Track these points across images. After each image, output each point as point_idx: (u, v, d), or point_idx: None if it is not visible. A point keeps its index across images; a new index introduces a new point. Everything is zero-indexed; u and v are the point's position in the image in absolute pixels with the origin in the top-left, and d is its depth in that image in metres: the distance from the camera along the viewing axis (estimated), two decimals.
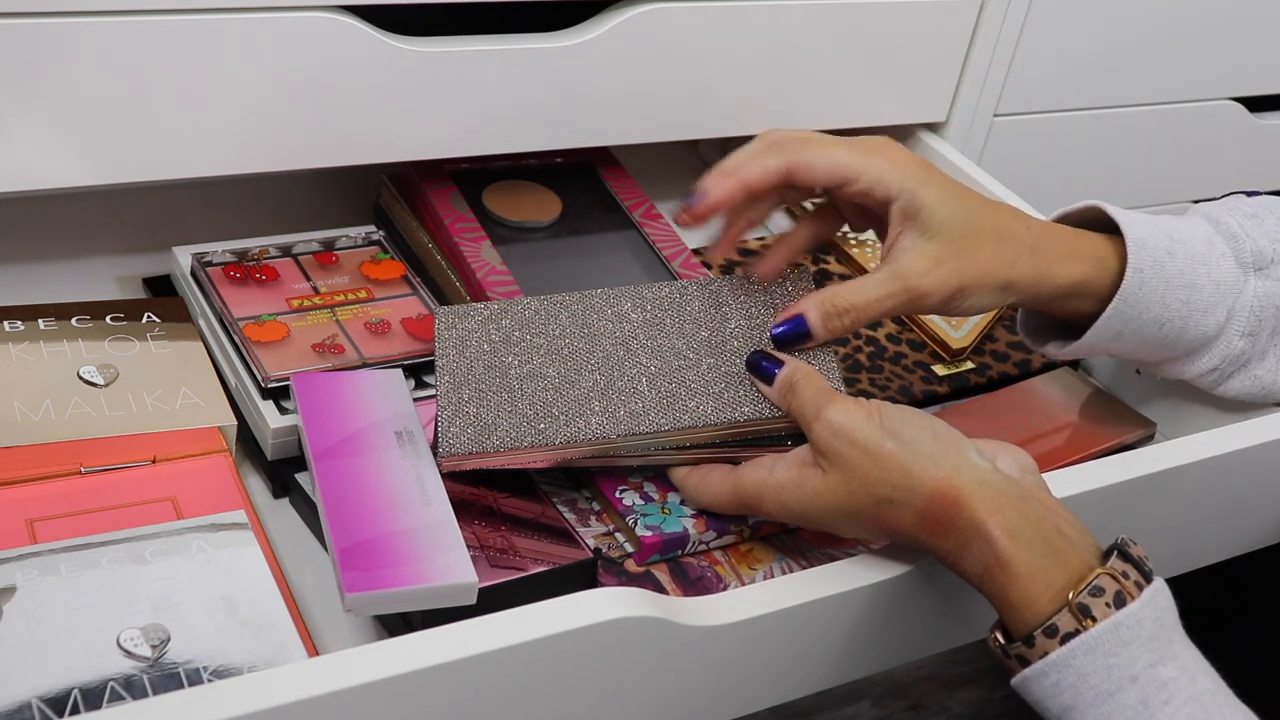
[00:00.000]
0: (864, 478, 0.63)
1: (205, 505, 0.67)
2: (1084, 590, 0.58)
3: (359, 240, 0.85)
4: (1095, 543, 0.61)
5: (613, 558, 0.70)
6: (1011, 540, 0.60)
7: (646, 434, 0.68)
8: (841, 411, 0.64)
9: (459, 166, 0.89)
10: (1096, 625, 0.58)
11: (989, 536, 0.60)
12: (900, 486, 0.62)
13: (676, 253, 0.87)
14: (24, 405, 0.70)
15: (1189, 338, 0.76)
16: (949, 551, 0.62)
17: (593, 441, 0.68)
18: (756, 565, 0.71)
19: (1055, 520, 0.61)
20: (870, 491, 0.63)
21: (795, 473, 0.65)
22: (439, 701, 0.54)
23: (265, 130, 0.78)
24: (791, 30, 0.92)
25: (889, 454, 0.62)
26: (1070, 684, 0.58)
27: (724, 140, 1.08)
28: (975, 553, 0.60)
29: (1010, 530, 0.60)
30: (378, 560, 0.61)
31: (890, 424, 0.63)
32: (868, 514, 0.63)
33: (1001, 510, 0.60)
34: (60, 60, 0.71)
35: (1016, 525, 0.60)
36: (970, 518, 0.60)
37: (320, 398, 0.70)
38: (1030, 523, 0.60)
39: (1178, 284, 0.74)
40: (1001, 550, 0.60)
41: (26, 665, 0.56)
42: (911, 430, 0.63)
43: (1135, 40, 1.10)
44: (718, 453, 0.70)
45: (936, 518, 0.61)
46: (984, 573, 0.61)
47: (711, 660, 0.61)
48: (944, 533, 0.61)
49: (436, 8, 0.81)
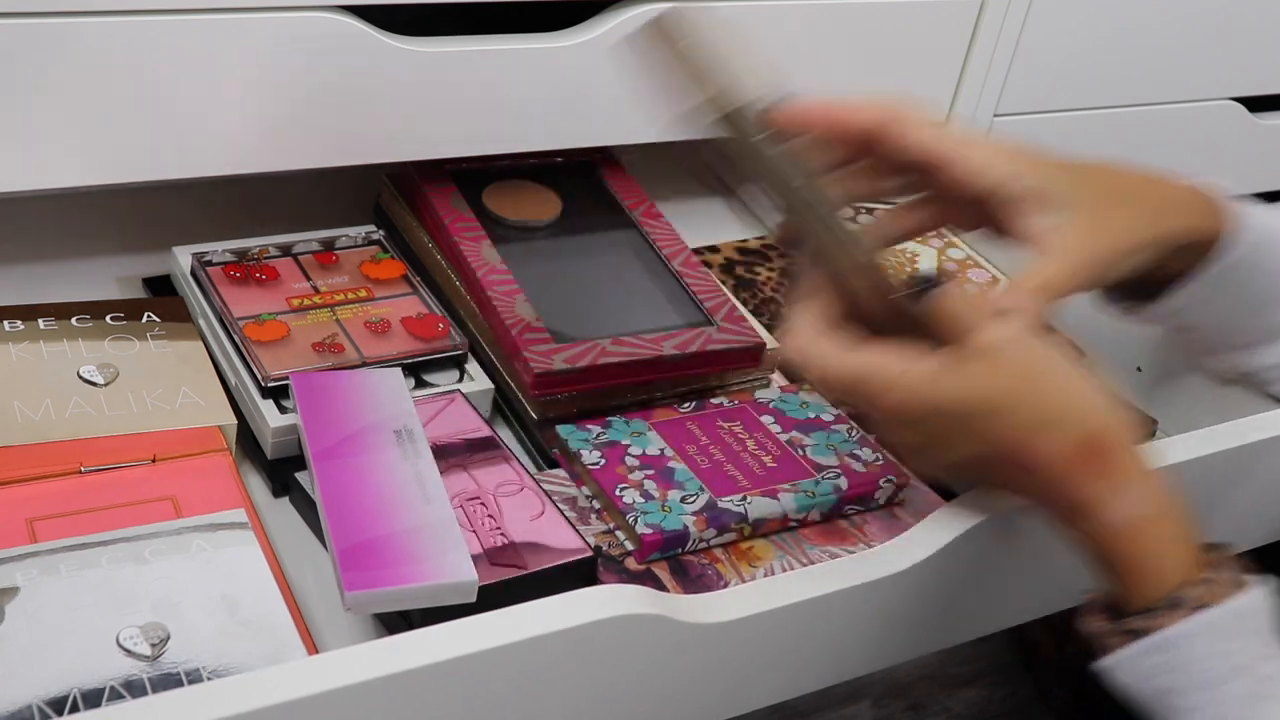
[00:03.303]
0: (1036, 390, 0.59)
1: (205, 504, 0.67)
2: (1212, 568, 0.56)
3: (359, 240, 0.85)
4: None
5: (613, 555, 0.70)
6: (1168, 498, 0.57)
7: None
8: (1021, 320, 0.60)
9: (459, 166, 0.89)
10: (1220, 605, 0.56)
11: (1153, 486, 0.57)
12: (1073, 408, 0.59)
13: (676, 252, 0.87)
14: (24, 405, 0.70)
15: (1260, 326, 0.76)
16: (1094, 496, 0.58)
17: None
18: (757, 563, 0.71)
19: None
20: (1038, 404, 0.59)
21: (954, 362, 0.59)
22: (439, 699, 0.54)
23: (265, 130, 0.78)
24: (791, 30, 0.92)
25: (1069, 376, 0.59)
26: (1178, 664, 0.56)
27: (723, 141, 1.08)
28: (1128, 502, 0.57)
29: (1168, 487, 0.58)
30: (377, 559, 0.61)
31: (1064, 353, 0.60)
32: (1015, 435, 0.59)
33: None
34: (60, 60, 0.71)
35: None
36: (1138, 464, 0.58)
37: (320, 397, 0.70)
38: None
39: (1270, 269, 0.73)
40: (1159, 504, 0.57)
41: (26, 665, 0.56)
42: (1079, 366, 0.60)
43: (1135, 40, 1.10)
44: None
45: (1099, 454, 0.58)
46: (1128, 528, 0.57)
47: (712, 658, 0.61)
48: (1101, 472, 0.58)
49: (436, 8, 0.81)
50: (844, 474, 0.75)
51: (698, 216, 1.03)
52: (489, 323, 0.80)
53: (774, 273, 0.93)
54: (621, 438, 0.75)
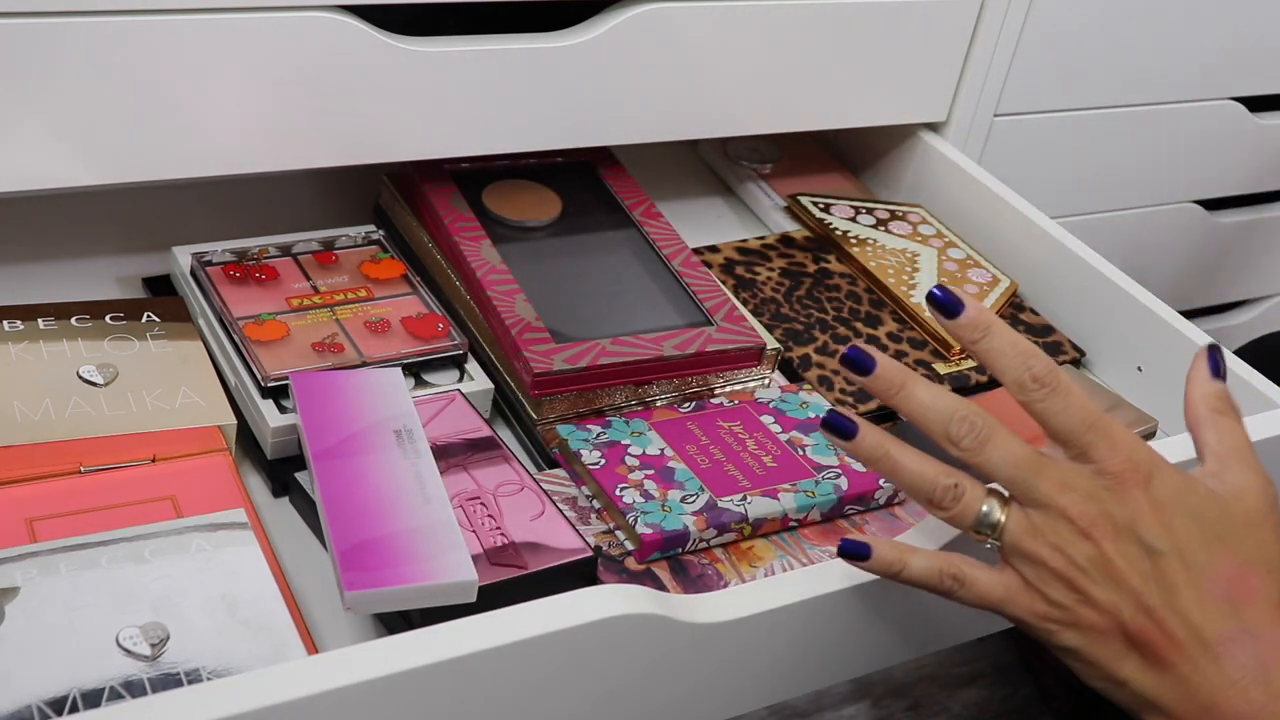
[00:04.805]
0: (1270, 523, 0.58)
1: (205, 504, 0.67)
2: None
3: (359, 240, 0.85)
4: None
5: (613, 555, 0.70)
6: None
7: None
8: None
9: (459, 166, 0.89)
10: None
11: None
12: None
13: (676, 252, 0.87)
14: (24, 405, 0.70)
15: None
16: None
17: None
18: (757, 563, 0.71)
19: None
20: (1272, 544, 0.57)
21: (1198, 478, 0.58)
22: (439, 699, 0.54)
23: (265, 130, 0.78)
24: (791, 30, 0.92)
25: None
26: None
27: (723, 140, 1.08)
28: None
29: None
30: (377, 559, 0.61)
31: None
32: (1243, 562, 0.57)
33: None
34: (60, 60, 0.71)
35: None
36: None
37: (319, 397, 0.70)
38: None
39: None
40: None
41: (26, 665, 0.56)
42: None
43: (1135, 40, 1.10)
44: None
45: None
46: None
47: (712, 658, 0.61)
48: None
49: (436, 8, 0.81)
50: (844, 474, 0.75)
51: (698, 216, 1.03)
52: (489, 323, 0.80)
53: (774, 273, 0.93)
54: (621, 438, 0.75)
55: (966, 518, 0.59)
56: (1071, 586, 0.57)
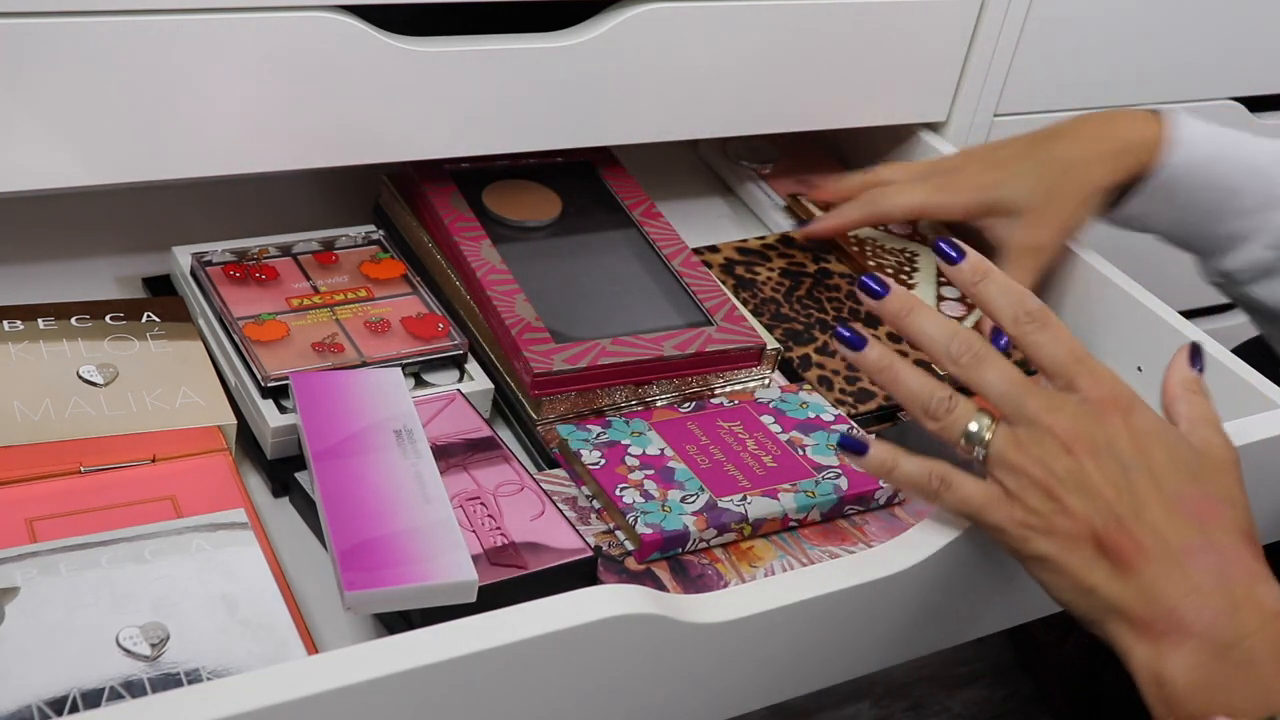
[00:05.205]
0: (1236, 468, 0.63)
1: (205, 504, 0.67)
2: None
3: (359, 240, 0.85)
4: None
5: (613, 555, 0.69)
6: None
7: None
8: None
9: (459, 166, 0.89)
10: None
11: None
12: (1244, 501, 0.62)
13: (676, 252, 0.87)
14: (24, 405, 0.70)
15: (1221, 233, 0.88)
16: (1258, 573, 0.59)
17: None
18: (757, 563, 0.71)
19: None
20: (1234, 481, 0.62)
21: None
22: (439, 699, 0.54)
23: (265, 130, 0.78)
24: (791, 30, 0.92)
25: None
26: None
27: (723, 140, 1.08)
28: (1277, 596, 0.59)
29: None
30: (377, 559, 0.61)
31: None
32: (1213, 496, 0.61)
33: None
34: (60, 60, 0.71)
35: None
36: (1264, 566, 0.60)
37: (319, 397, 0.70)
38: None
39: (1217, 185, 0.85)
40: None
41: (26, 665, 0.56)
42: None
43: (1135, 40, 1.10)
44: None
45: (1258, 545, 0.60)
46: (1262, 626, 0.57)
47: (711, 658, 0.61)
48: (1259, 556, 0.59)
49: (436, 8, 0.81)
50: (844, 474, 0.75)
51: (698, 216, 1.03)
52: (489, 323, 0.80)
53: (774, 273, 0.93)
54: (621, 438, 0.75)
55: (956, 428, 0.63)
56: (1049, 495, 0.60)
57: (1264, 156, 0.87)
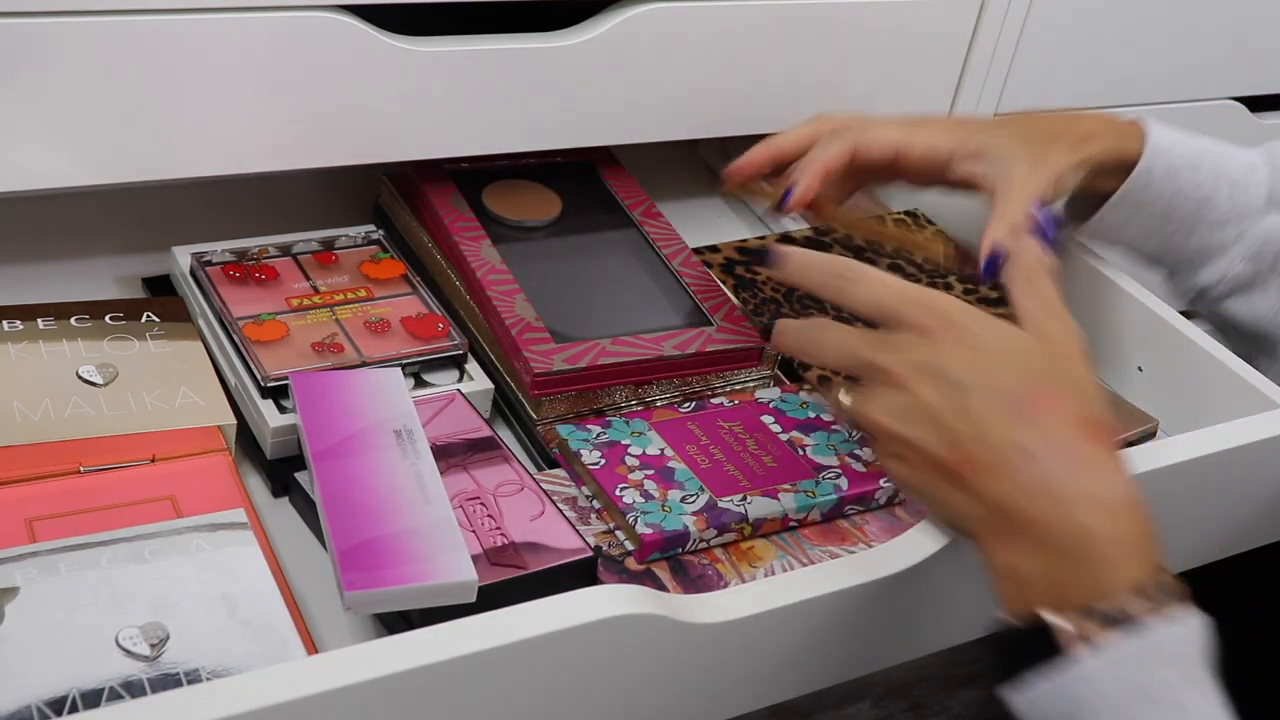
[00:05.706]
0: (1073, 356, 0.64)
1: (205, 504, 0.67)
2: (1155, 585, 0.57)
3: (359, 240, 0.85)
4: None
5: (613, 555, 0.69)
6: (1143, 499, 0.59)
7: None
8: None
9: (459, 166, 0.89)
10: (1160, 628, 0.55)
11: (1134, 481, 0.59)
12: (1089, 385, 0.62)
13: (676, 252, 0.87)
14: (23, 405, 0.70)
15: (1193, 245, 0.86)
16: (1093, 457, 0.59)
17: None
18: (757, 563, 0.71)
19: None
20: (1071, 369, 0.63)
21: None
22: (439, 699, 0.54)
23: (265, 130, 0.78)
24: (791, 30, 0.92)
25: (1086, 360, 0.64)
26: (1087, 695, 0.55)
27: (723, 140, 1.08)
28: (1120, 479, 0.59)
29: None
30: (377, 559, 0.61)
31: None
32: (1043, 381, 0.61)
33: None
34: (59, 60, 0.71)
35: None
36: (1123, 453, 0.61)
37: (319, 397, 0.70)
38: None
39: (1190, 194, 0.84)
40: (1139, 497, 0.59)
41: (26, 665, 0.56)
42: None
43: (1136, 39, 1.10)
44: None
45: (1103, 430, 0.61)
46: (1120, 503, 0.58)
47: (712, 658, 0.61)
48: (1101, 443, 0.60)
49: (436, 8, 0.81)
50: (844, 474, 0.75)
51: (698, 216, 1.03)
52: (489, 323, 0.80)
53: None
54: (621, 438, 0.75)
55: (838, 409, 0.66)
56: (894, 438, 0.62)
57: (1237, 165, 0.86)
